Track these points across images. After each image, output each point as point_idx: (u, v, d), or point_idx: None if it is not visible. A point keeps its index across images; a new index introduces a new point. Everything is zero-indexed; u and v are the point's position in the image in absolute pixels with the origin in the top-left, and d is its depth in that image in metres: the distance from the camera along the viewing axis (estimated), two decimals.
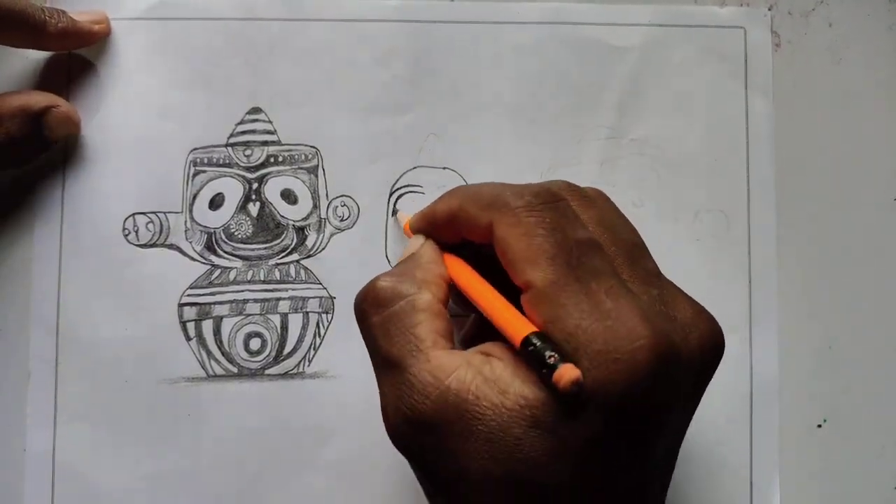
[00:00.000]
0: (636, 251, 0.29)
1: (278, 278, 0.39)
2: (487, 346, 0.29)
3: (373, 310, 0.30)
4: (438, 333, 0.29)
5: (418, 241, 0.33)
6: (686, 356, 0.27)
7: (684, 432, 0.29)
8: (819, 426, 0.40)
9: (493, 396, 0.26)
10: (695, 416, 0.30)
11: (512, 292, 0.28)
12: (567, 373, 0.25)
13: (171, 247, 0.38)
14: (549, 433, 0.25)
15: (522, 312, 0.28)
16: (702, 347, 0.28)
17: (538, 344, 0.26)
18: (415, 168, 0.40)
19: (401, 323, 0.29)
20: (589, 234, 0.28)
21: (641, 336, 0.25)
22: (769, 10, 0.41)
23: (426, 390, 0.27)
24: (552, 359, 0.25)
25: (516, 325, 0.27)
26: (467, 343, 0.34)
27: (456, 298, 0.32)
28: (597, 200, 0.31)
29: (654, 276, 0.29)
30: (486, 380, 0.27)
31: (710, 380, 0.29)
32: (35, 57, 0.38)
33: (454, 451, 0.27)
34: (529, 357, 0.26)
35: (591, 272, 0.27)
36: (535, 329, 0.27)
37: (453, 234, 0.32)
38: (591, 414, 0.25)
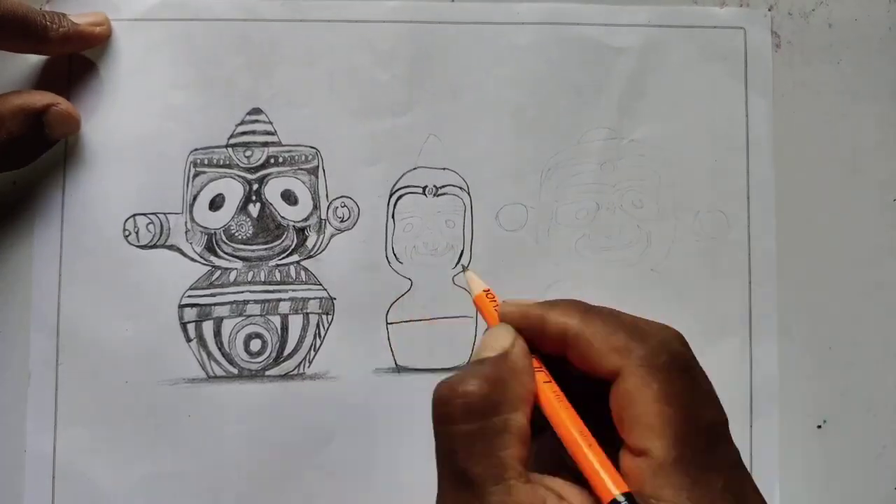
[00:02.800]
0: (728, 432, 0.28)
1: (279, 279, 0.39)
2: (566, 489, 0.27)
3: (462, 416, 0.26)
4: (523, 463, 0.27)
5: (507, 336, 0.29)
6: None
7: None
8: (819, 427, 0.41)
9: None
10: None
11: (593, 418, 0.27)
12: None
13: (171, 248, 0.38)
14: None
15: (613, 459, 0.26)
16: None
17: None
18: (415, 169, 0.40)
19: (490, 443, 0.26)
20: (718, 414, 0.27)
21: None
22: (769, 10, 0.41)
23: None
24: None
25: (607, 482, 0.26)
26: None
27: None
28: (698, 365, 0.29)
29: (737, 464, 0.28)
30: None
31: None
32: (35, 58, 0.38)
33: None
34: None
35: (714, 461, 0.26)
36: (626, 489, 0.26)
37: (555, 349, 0.29)
38: None
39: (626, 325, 0.28)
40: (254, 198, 0.39)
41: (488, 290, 0.32)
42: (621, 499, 0.25)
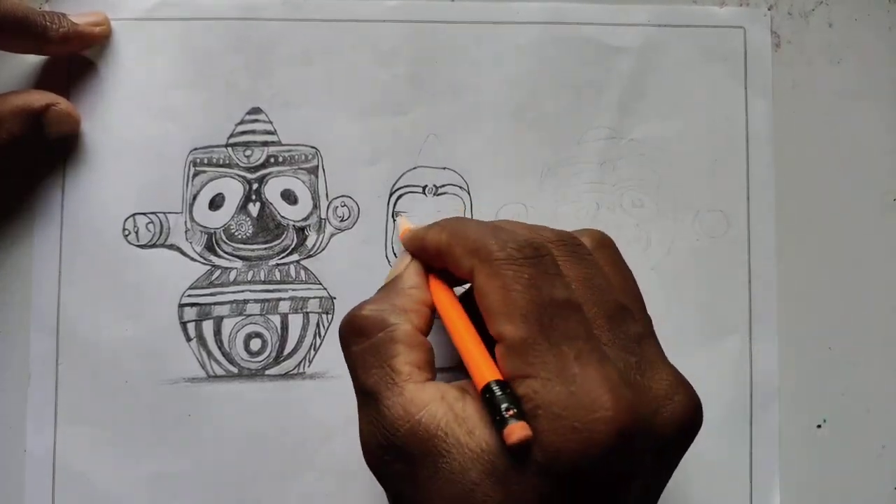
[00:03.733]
0: (620, 314, 0.29)
1: (278, 279, 0.39)
2: (466, 383, 0.29)
3: (353, 339, 0.30)
4: (414, 365, 0.29)
5: (404, 260, 0.33)
6: (653, 431, 0.27)
7: (656, 498, 0.29)
8: (819, 426, 0.41)
9: (461, 435, 0.27)
10: None
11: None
12: (517, 431, 0.25)
13: (171, 247, 0.38)
14: (502, 484, 0.25)
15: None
16: (673, 422, 0.28)
17: (498, 394, 0.26)
18: (415, 168, 0.40)
19: (378, 354, 0.29)
20: (569, 293, 0.28)
21: (603, 407, 0.25)
22: (769, 10, 0.41)
23: (396, 423, 0.27)
24: (508, 412, 0.26)
25: (482, 370, 0.27)
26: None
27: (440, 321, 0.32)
28: (591, 254, 0.30)
29: (635, 341, 0.29)
30: (457, 417, 0.27)
31: (682, 453, 0.29)
32: (35, 57, 0.38)
33: (421, 485, 0.27)
34: (487, 404, 0.27)
35: (564, 334, 0.27)
36: (498, 377, 0.27)
37: (440, 264, 0.32)
38: (542, 475, 0.25)
39: (487, 228, 0.30)
40: (253, 197, 0.39)
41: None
42: (494, 386, 0.27)
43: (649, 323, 0.30)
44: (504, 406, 0.26)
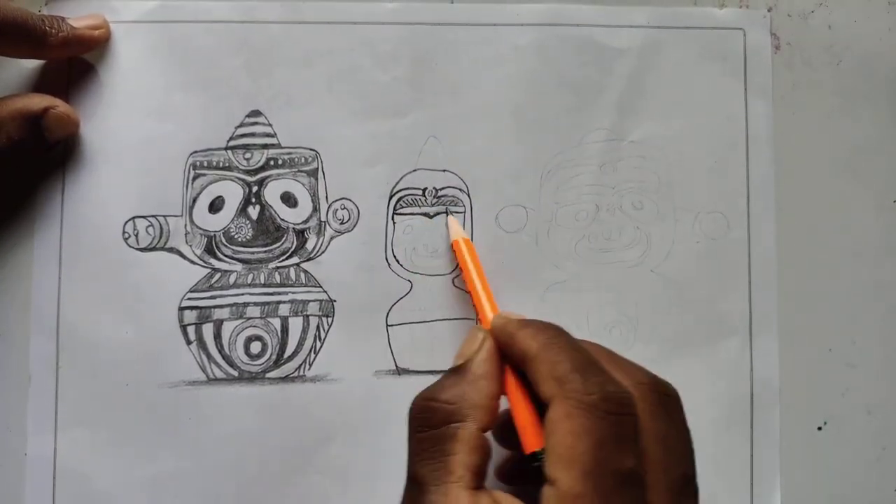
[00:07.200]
0: (682, 486, 0.29)
1: (278, 282, 0.39)
2: (511, 501, 0.28)
3: (420, 425, 0.30)
4: (468, 469, 0.28)
5: (477, 339, 0.32)
6: None
7: None
8: (819, 428, 0.41)
9: None
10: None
11: None
12: None
13: (171, 250, 0.38)
14: None
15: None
16: None
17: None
18: (415, 170, 0.40)
19: (437, 448, 0.29)
20: (635, 465, 0.27)
21: None
22: (768, 11, 0.41)
23: None
24: None
25: (528, 438, 0.30)
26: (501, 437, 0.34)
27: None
28: (670, 412, 0.30)
29: None
30: None
31: None
32: (34, 61, 0.38)
33: None
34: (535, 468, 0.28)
35: None
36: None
37: (519, 365, 0.31)
38: None
39: (580, 359, 0.29)
40: (253, 200, 0.39)
41: (466, 240, 0.38)
42: (540, 454, 0.27)
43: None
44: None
